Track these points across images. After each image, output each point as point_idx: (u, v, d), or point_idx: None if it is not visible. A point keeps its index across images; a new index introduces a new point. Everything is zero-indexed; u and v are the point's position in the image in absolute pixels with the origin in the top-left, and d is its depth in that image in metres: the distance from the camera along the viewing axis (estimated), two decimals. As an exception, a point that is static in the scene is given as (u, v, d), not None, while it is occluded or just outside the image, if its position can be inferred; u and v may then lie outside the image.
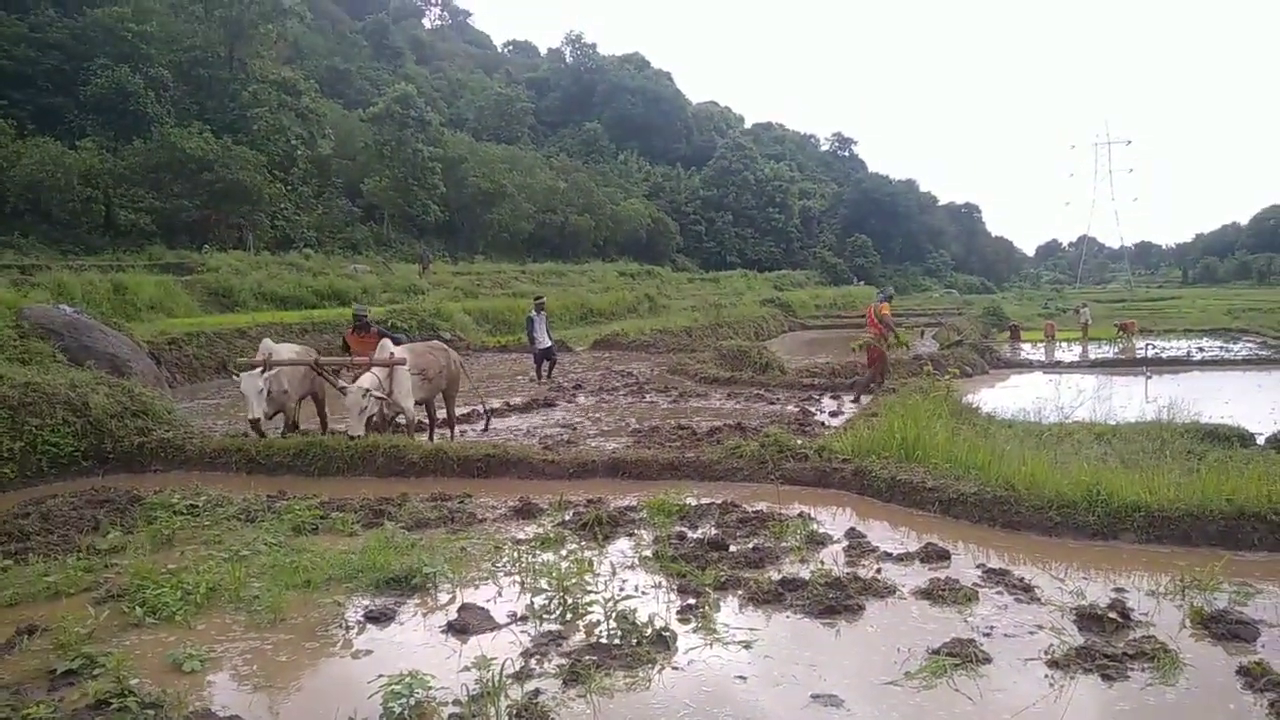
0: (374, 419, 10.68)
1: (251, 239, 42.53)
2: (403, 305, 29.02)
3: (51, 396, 10.53)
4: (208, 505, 8.41)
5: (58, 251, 35.02)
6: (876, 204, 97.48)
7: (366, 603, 6.00)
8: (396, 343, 11.26)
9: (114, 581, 6.47)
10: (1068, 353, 27.12)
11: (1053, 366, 23.01)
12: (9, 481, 9.82)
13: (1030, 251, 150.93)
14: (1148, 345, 27.31)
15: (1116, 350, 27.04)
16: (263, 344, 10.93)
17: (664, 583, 6.32)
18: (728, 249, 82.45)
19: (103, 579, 6.57)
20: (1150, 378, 19.37)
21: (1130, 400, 15.36)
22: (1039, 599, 5.88)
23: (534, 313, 19.08)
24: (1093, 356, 25.30)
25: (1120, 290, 78.37)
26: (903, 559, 6.76)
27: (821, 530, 7.49)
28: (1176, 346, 26.89)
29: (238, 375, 10.56)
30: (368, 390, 10.36)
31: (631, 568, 6.69)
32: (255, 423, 10.49)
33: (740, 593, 6.05)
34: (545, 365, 18.73)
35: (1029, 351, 27.87)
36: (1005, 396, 15.78)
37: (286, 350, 11.21)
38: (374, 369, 10.65)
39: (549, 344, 18.98)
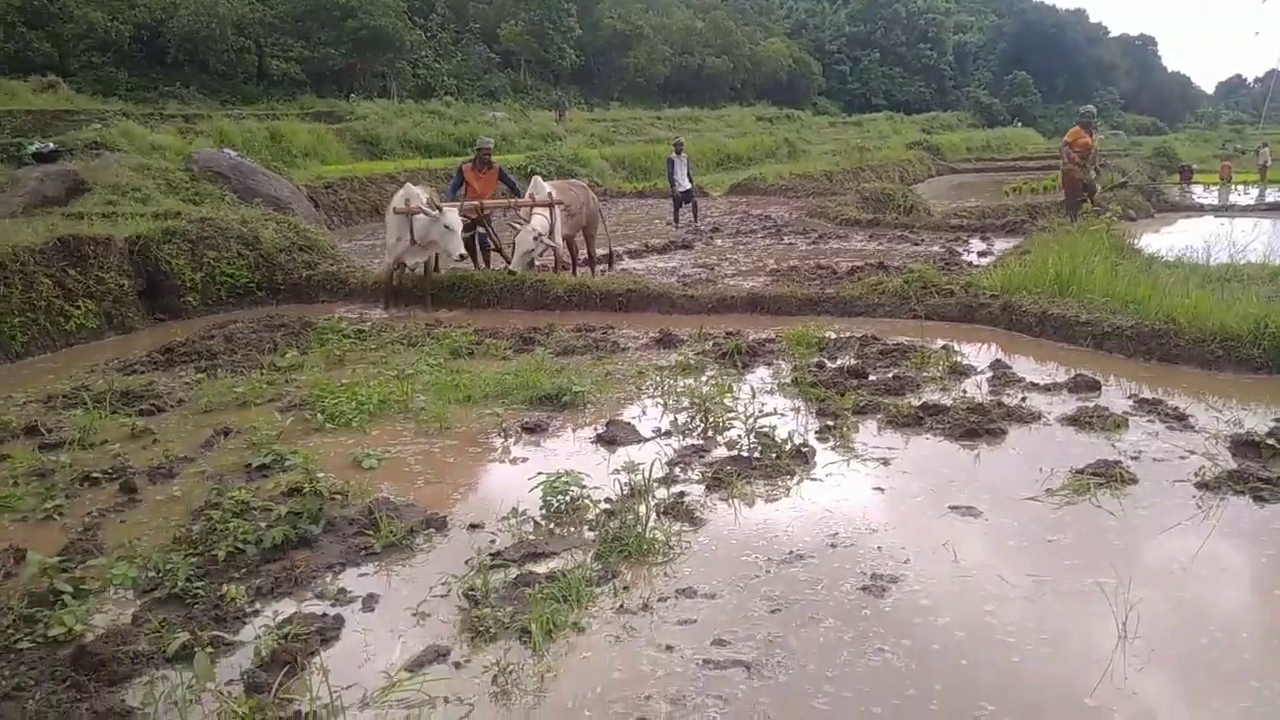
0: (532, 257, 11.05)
1: (395, 87, 43.25)
2: (541, 152, 29.22)
3: (225, 231, 11.29)
4: (373, 330, 9.01)
5: (217, 101, 36.60)
6: (1040, 37, 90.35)
7: (522, 416, 6.40)
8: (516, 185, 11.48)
9: (294, 394, 7.08)
10: (1244, 196, 25.17)
11: (1225, 210, 21.47)
12: (193, 309, 10.71)
13: (1210, 89, 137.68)
14: (1339, 187, 25.05)
15: (1301, 192, 24.90)
16: (405, 188, 10.84)
17: (803, 406, 6.48)
18: (873, 90, 78.71)
19: (284, 391, 7.20)
20: (1338, 220, 17.87)
21: (1312, 243, 14.29)
22: (1193, 427, 5.77)
23: (674, 154, 18.89)
24: (1270, 199, 23.41)
25: (1312, 129, 71.20)
26: (1050, 389, 6.70)
27: (965, 362, 7.45)
28: (1373, 188, 24.58)
29: (437, 210, 10.12)
30: (539, 234, 10.67)
31: (770, 393, 6.86)
32: (464, 258, 10.41)
33: (879, 416, 6.16)
34: (686, 208, 18.68)
35: (1201, 195, 25.98)
36: (1171, 240, 14.92)
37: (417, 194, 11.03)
38: (540, 210, 10.91)
39: (689, 186, 18.84)
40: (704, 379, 7.13)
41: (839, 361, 7.66)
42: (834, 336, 8.37)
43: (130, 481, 5.43)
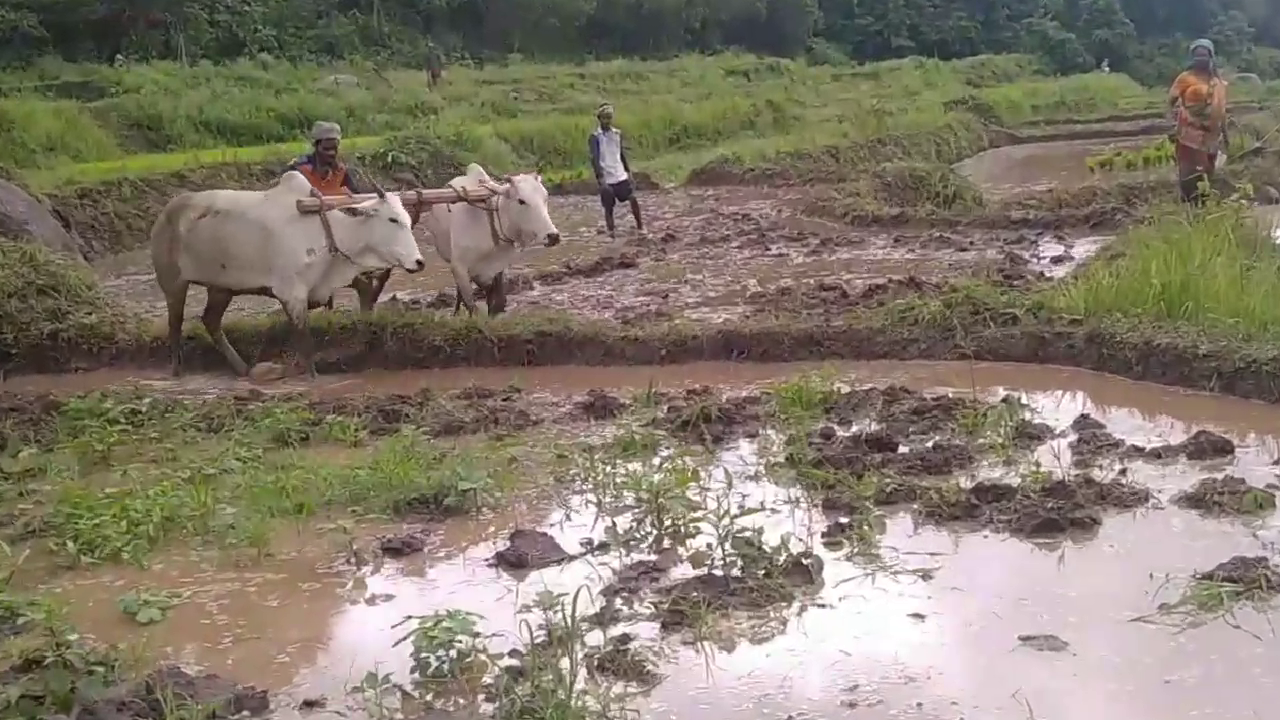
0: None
1: (183, 43, 43.14)
2: (407, 131, 29.29)
3: (-81, 271, 11.16)
4: (154, 411, 8.94)
5: (-93, 73, 36.16)
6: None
7: (383, 530, 6.37)
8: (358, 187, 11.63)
9: (32, 513, 6.95)
10: None
11: None
12: (-123, 390, 10.50)
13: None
14: None
15: None
16: (293, 178, 10.76)
17: (803, 496, 6.55)
18: (894, 26, 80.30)
19: (16, 511, 7.08)
20: None
21: None
22: (1370, 502, 5.92)
23: (598, 130, 19.15)
24: None
25: None
26: (1160, 455, 6.84)
27: (1037, 420, 7.61)
28: None
29: (378, 197, 10.19)
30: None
31: (755, 478, 6.95)
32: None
33: (915, 506, 6.24)
34: (623, 206, 18.85)
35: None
36: (1329, 228, 15.40)
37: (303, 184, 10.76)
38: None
39: (624, 176, 19.05)
40: (656, 462, 7.17)
41: (854, 428, 7.77)
42: (846, 390, 8.50)
43: None
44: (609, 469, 7.03)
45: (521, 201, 10.79)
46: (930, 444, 7.24)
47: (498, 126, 31.97)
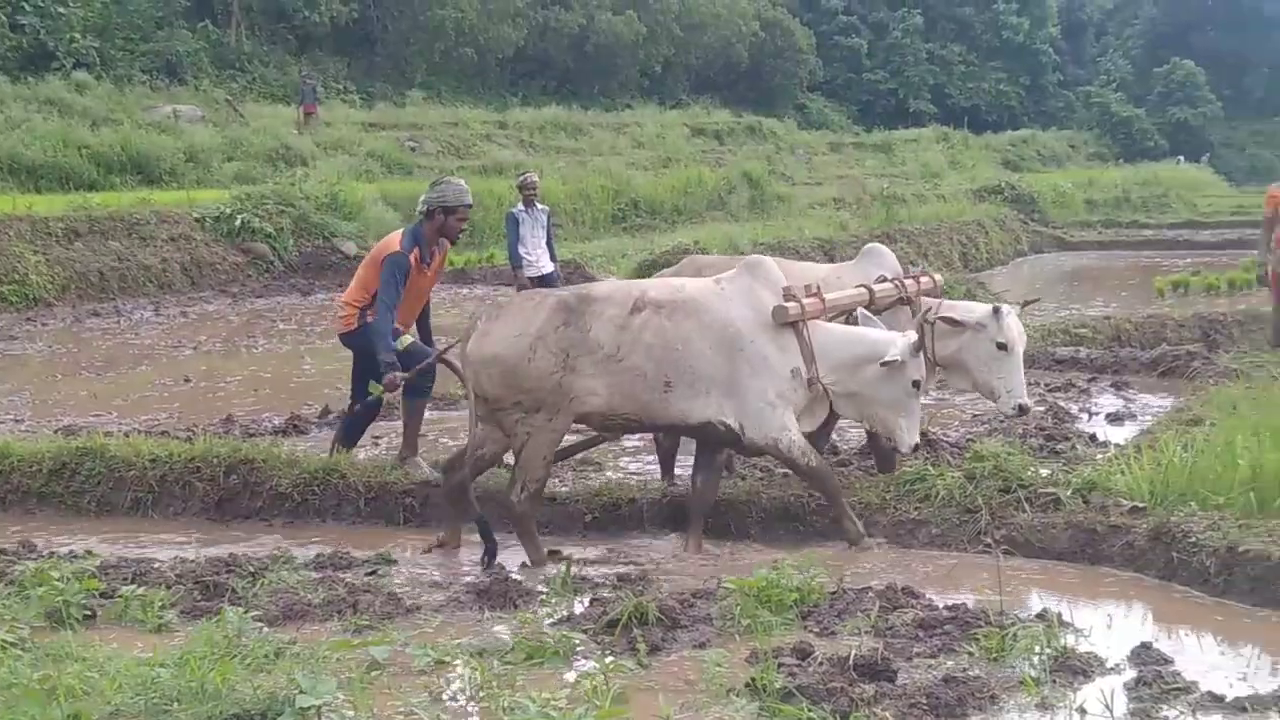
0: None
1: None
2: (265, 186, 29.27)
3: None
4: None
5: None
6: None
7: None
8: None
9: None
10: None
11: None
12: None
13: None
14: None
15: None
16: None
17: (767, 742, 6.41)
18: (912, 86, 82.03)
19: None
20: None
21: None
22: None
23: (519, 207, 19.14)
24: None
25: None
26: (1245, 709, 6.72)
27: (1083, 648, 7.51)
28: None
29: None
30: None
31: (699, 711, 6.78)
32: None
33: (918, 766, 6.13)
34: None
35: None
36: None
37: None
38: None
39: (550, 268, 19.04)
40: (570, 677, 7.09)
41: (839, 643, 7.64)
42: (831, 589, 8.42)
43: None
44: (505, 685, 6.87)
45: (1001, 346, 9.91)
46: (940, 674, 7.11)
47: (385, 187, 32.02)
